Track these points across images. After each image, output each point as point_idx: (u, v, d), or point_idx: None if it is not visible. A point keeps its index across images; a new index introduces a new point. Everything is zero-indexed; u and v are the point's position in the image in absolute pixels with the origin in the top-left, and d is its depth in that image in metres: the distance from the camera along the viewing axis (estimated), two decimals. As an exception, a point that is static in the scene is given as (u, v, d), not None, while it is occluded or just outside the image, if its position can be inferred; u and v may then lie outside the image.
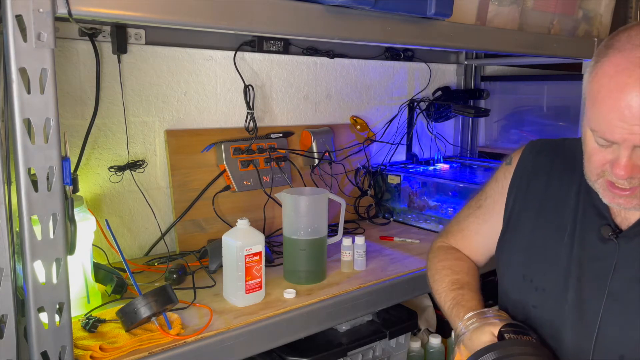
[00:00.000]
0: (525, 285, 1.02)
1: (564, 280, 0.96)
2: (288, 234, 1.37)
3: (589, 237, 0.95)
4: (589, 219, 0.96)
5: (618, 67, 0.80)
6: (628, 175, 0.83)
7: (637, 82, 0.78)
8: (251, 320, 1.15)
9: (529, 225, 1.05)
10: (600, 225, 0.94)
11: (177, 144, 1.56)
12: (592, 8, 1.81)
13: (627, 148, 0.82)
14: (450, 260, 1.17)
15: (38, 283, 0.83)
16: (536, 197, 1.06)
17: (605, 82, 0.82)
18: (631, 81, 0.79)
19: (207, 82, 1.62)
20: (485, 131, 2.40)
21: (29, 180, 0.80)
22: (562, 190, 1.02)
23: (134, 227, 1.54)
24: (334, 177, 1.86)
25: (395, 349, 1.60)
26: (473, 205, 1.20)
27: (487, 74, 2.37)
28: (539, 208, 1.04)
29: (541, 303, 0.99)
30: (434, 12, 1.24)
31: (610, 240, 0.92)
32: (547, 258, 1.00)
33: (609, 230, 0.92)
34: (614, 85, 0.80)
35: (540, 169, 1.08)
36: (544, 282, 0.99)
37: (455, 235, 1.23)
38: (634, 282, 0.89)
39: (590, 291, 0.92)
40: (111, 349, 1.00)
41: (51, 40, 0.79)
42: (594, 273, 0.93)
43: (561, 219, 1.00)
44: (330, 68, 1.89)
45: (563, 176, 1.02)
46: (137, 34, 1.45)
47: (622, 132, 0.80)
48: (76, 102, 1.40)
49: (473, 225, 1.19)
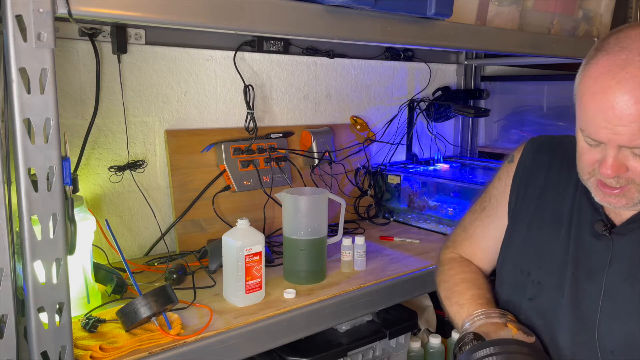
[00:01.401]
0: (522, 278, 1.03)
1: (560, 274, 0.97)
2: (288, 234, 1.37)
3: (584, 233, 0.97)
4: (584, 215, 0.98)
5: (603, 69, 0.83)
6: (614, 174, 0.85)
7: (620, 84, 0.80)
8: (251, 320, 1.15)
9: (527, 221, 1.06)
10: (594, 221, 0.96)
11: (177, 144, 1.56)
12: (592, 8, 1.81)
13: (612, 148, 0.84)
14: (468, 274, 1.14)
15: (38, 283, 0.83)
16: (534, 193, 1.07)
17: (590, 83, 0.84)
18: (614, 83, 0.81)
19: (207, 82, 1.62)
20: (485, 131, 2.40)
21: (29, 180, 0.80)
22: (559, 186, 1.04)
23: (134, 227, 1.54)
24: (334, 177, 1.86)
25: (395, 349, 1.60)
26: (477, 208, 1.20)
27: (487, 74, 2.37)
28: (537, 204, 1.06)
29: (537, 296, 1.00)
30: (434, 12, 1.24)
31: (603, 236, 0.94)
32: (543, 253, 1.02)
33: (602, 226, 0.94)
34: (599, 87, 0.83)
35: (539, 165, 1.09)
36: (540, 276, 1.01)
37: (463, 243, 1.21)
38: (625, 278, 0.90)
39: (585, 286, 0.94)
40: (111, 349, 1.00)
41: (51, 40, 0.79)
42: (589, 268, 0.94)
43: (558, 215, 1.02)
44: (330, 68, 1.89)
45: (561, 172, 1.04)
46: (137, 34, 1.45)
47: (607, 132, 0.83)
48: (76, 102, 1.40)
49: (479, 230, 1.19)
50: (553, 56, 1.67)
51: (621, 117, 0.80)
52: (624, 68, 0.81)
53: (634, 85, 0.79)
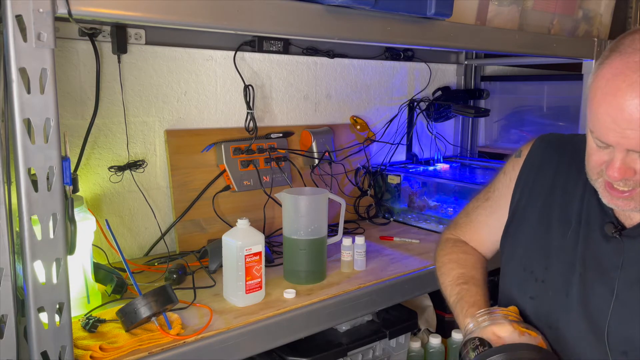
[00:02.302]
0: (525, 277, 1.03)
1: (567, 275, 0.97)
2: (288, 234, 1.37)
3: (593, 234, 0.96)
4: (593, 216, 0.97)
5: (615, 71, 0.82)
6: (621, 177, 0.85)
7: (631, 87, 0.79)
8: (251, 320, 1.15)
9: (534, 219, 1.06)
10: (603, 223, 0.95)
11: (177, 144, 1.56)
12: (592, 8, 1.81)
13: (620, 151, 0.83)
14: (456, 254, 1.18)
15: (38, 283, 0.83)
16: (542, 192, 1.06)
17: (602, 85, 0.83)
18: (624, 86, 0.80)
19: (207, 82, 1.62)
20: (485, 131, 2.40)
21: (29, 180, 0.80)
22: (568, 186, 1.03)
23: (134, 227, 1.54)
24: (334, 177, 1.86)
25: (395, 349, 1.61)
26: (481, 197, 1.22)
27: (487, 74, 2.37)
28: (545, 202, 1.05)
29: (539, 295, 1.00)
30: (434, 12, 1.24)
31: (613, 238, 0.93)
32: (550, 252, 1.01)
33: (612, 228, 0.93)
34: (609, 89, 0.82)
35: (547, 163, 1.08)
36: (545, 275, 1.00)
37: (463, 227, 1.24)
38: (636, 282, 0.89)
39: (595, 287, 0.93)
40: (111, 349, 1.00)
41: (51, 40, 0.79)
42: (599, 270, 0.93)
43: (566, 215, 1.01)
44: (330, 68, 1.89)
45: (570, 172, 1.03)
46: (137, 34, 1.45)
47: (615, 135, 0.82)
48: (76, 102, 1.40)
49: (481, 217, 1.20)
50: (553, 56, 1.67)
51: (630, 120, 0.79)
52: (637, 71, 0.79)
53: None
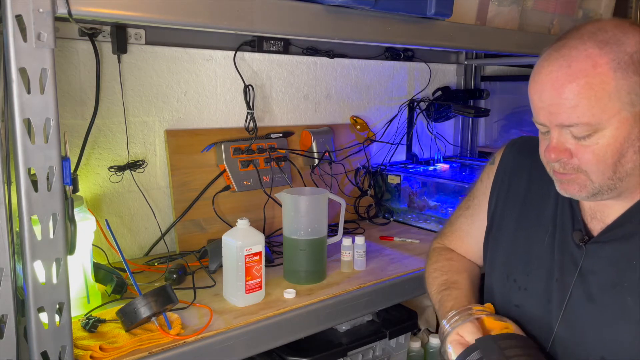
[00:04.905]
0: (509, 285, 1.03)
1: (547, 281, 0.96)
2: (288, 234, 1.37)
3: (567, 240, 0.96)
4: (566, 221, 0.97)
5: (544, 56, 0.87)
6: (556, 157, 0.86)
7: (551, 64, 0.84)
8: (251, 320, 1.15)
9: (512, 226, 1.06)
10: (573, 230, 0.95)
11: (177, 144, 1.56)
12: (592, 8, 1.81)
13: (553, 129, 0.86)
14: (441, 262, 1.19)
15: (38, 283, 0.83)
16: (518, 197, 1.06)
17: (534, 70, 0.88)
18: (546, 64, 0.85)
19: (207, 82, 1.62)
20: (485, 131, 2.40)
21: (29, 180, 0.80)
22: (542, 190, 1.02)
23: (134, 227, 1.54)
24: (334, 177, 1.86)
25: (395, 349, 1.61)
26: (463, 206, 1.22)
27: (487, 74, 2.37)
28: (521, 208, 1.05)
29: (524, 303, 1.00)
30: (434, 12, 1.24)
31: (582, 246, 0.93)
32: (530, 259, 1.01)
33: (579, 236, 0.93)
34: (536, 70, 0.87)
35: (521, 168, 1.08)
36: (527, 282, 1.00)
37: (449, 236, 1.24)
38: (611, 286, 0.89)
39: (573, 293, 0.93)
40: (111, 349, 1.00)
41: (51, 40, 0.79)
42: (574, 275, 0.93)
43: (542, 220, 1.01)
44: (330, 68, 1.89)
45: (543, 176, 1.01)
46: (137, 34, 1.45)
47: (544, 113, 0.85)
48: (76, 102, 1.40)
49: (464, 226, 1.21)
50: (553, 56, 1.66)
51: (552, 95, 0.83)
52: (558, 50, 0.84)
53: (563, 63, 0.82)
